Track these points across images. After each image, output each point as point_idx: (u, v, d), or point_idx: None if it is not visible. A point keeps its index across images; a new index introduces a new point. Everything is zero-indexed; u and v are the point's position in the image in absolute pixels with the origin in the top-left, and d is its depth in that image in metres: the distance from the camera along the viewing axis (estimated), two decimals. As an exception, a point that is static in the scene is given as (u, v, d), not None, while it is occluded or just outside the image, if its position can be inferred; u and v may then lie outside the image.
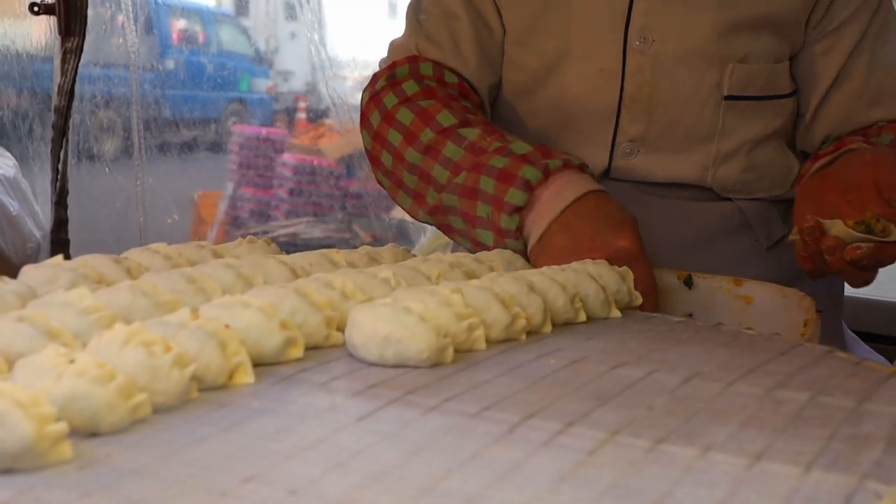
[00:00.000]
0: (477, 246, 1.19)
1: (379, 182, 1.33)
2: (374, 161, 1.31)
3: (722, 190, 1.34)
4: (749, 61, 1.28)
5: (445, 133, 1.21)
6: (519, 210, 1.13)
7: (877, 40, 1.31)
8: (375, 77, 1.35)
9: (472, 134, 1.20)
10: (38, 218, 3.16)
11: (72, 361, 0.61)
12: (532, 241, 1.13)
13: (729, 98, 1.29)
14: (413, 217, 1.30)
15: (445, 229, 1.25)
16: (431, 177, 1.22)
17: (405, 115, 1.25)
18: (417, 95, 1.28)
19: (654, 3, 1.27)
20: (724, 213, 1.35)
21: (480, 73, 1.33)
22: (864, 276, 1.11)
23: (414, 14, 1.38)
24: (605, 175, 1.32)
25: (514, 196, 1.12)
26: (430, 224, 1.30)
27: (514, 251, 1.12)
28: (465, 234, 1.21)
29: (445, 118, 1.23)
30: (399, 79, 1.31)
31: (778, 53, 1.30)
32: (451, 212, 1.20)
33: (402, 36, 1.38)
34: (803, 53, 1.32)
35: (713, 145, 1.30)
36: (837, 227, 1.08)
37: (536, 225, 1.12)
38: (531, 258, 1.13)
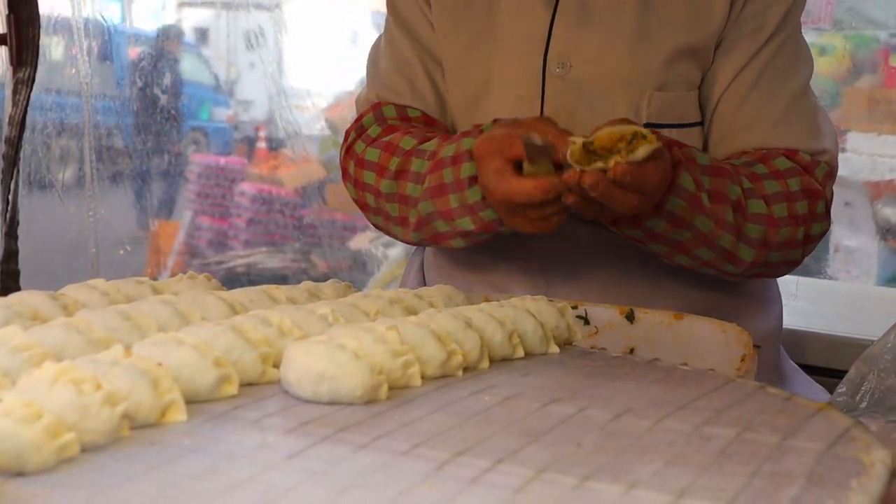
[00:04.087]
0: (466, 239, 1.25)
1: (375, 226, 1.39)
2: (363, 207, 1.36)
3: None
4: (666, 89, 1.30)
5: (409, 154, 1.28)
6: (475, 179, 1.17)
7: (766, 67, 1.31)
8: (347, 132, 1.41)
9: (431, 145, 1.27)
10: (-14, 249, 3.11)
11: (-2, 401, 0.61)
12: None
13: (648, 125, 1.30)
14: (408, 243, 1.36)
15: (436, 239, 1.29)
16: (407, 196, 1.28)
17: (372, 154, 1.32)
18: (381, 134, 1.35)
19: (573, 29, 1.31)
20: None
21: (438, 105, 1.40)
22: (629, 198, 1.08)
23: (373, 65, 1.45)
24: None
25: (466, 170, 1.18)
26: (426, 244, 1.35)
27: (491, 221, 1.18)
28: (451, 234, 1.25)
29: (407, 143, 1.30)
30: (366, 126, 1.38)
31: (692, 81, 1.32)
32: (431, 218, 1.25)
33: (364, 89, 1.45)
34: (704, 80, 1.33)
35: None
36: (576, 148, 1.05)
37: None
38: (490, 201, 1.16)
